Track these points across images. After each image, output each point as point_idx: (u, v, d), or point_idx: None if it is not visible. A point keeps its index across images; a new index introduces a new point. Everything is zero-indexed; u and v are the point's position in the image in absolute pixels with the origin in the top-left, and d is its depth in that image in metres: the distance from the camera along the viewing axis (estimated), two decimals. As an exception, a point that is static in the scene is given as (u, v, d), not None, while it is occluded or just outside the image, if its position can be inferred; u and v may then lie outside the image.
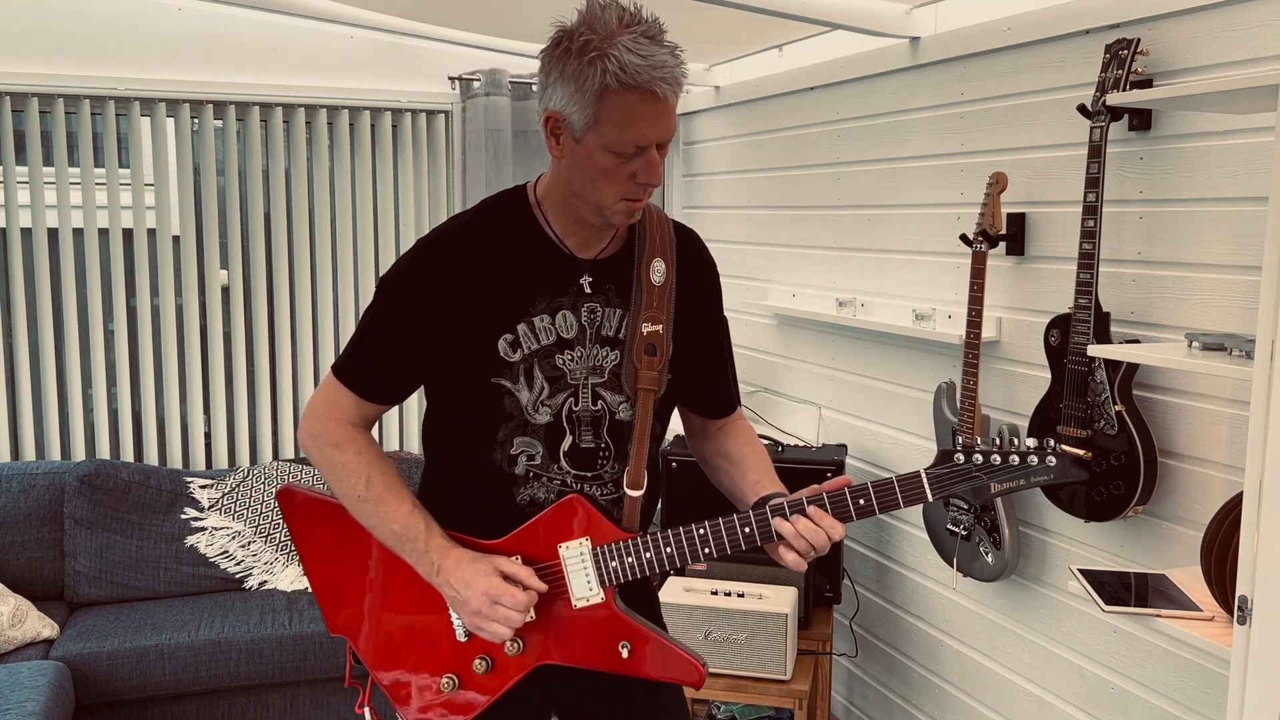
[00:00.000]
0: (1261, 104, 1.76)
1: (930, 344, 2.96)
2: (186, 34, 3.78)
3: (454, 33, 3.82)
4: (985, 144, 2.72)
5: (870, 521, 3.26)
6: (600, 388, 1.63)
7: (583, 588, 1.59)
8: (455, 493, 1.67)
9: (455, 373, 1.61)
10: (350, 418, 1.65)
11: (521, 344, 1.59)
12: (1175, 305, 2.20)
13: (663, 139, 1.51)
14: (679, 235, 1.72)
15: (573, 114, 1.48)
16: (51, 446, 3.80)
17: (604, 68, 1.43)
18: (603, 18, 1.45)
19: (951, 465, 1.54)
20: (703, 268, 1.75)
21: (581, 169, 1.52)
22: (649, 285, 1.63)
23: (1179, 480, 2.21)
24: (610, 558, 1.58)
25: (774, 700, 2.81)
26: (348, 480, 1.62)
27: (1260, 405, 1.52)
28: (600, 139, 1.48)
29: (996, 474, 1.54)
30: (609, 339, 1.63)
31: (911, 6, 2.87)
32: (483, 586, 1.53)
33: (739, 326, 3.97)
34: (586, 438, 1.63)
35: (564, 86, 1.47)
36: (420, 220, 4.13)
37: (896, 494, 1.54)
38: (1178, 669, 2.25)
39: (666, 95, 1.46)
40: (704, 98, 4.15)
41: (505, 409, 1.60)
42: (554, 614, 1.60)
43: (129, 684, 3.13)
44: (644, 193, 1.54)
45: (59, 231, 3.75)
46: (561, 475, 1.63)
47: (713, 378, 1.80)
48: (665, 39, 1.47)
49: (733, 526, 1.60)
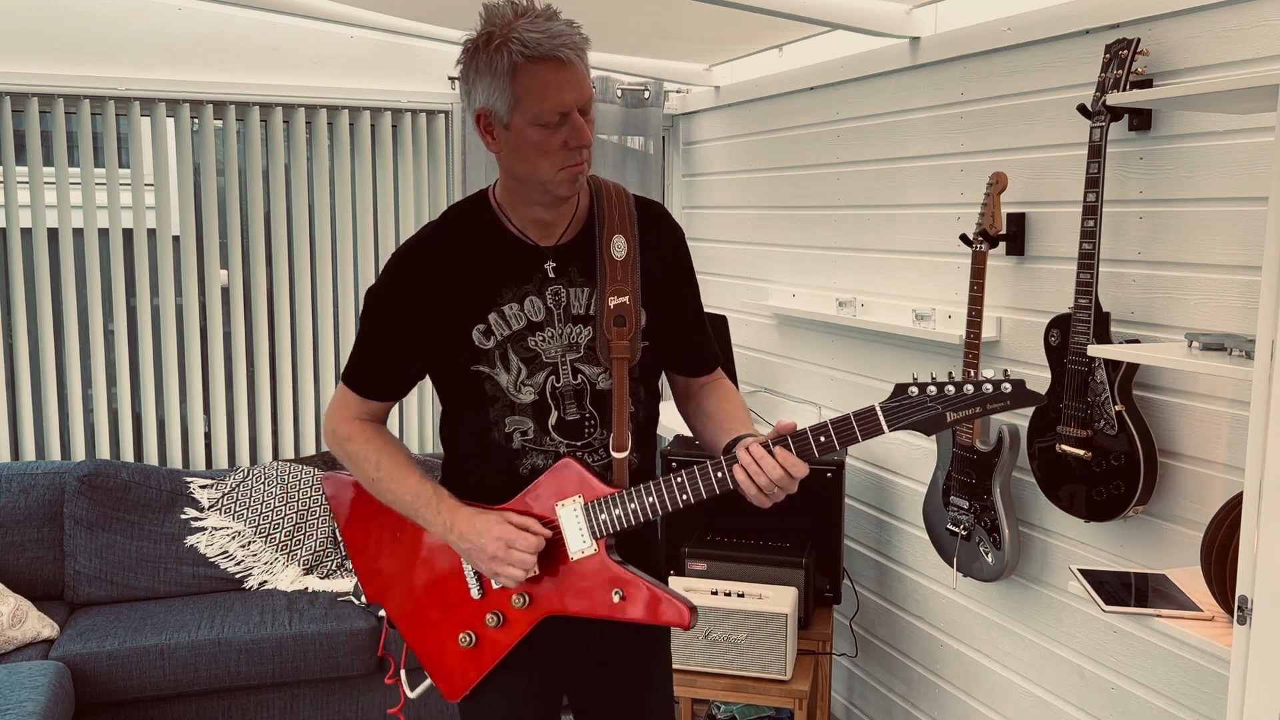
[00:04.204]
0: (1261, 104, 1.76)
1: (930, 344, 2.96)
2: (186, 34, 3.78)
3: (454, 33, 3.82)
4: (985, 144, 2.72)
5: (870, 521, 3.26)
6: (578, 362, 1.76)
7: (578, 540, 1.72)
8: (468, 471, 1.81)
9: (441, 365, 1.77)
10: (357, 414, 1.84)
11: (494, 331, 1.73)
12: (1175, 305, 2.20)
13: (580, 102, 1.62)
14: (640, 209, 1.83)
15: (496, 103, 1.61)
16: (51, 446, 3.80)
17: (509, 50, 1.57)
18: (500, 13, 1.61)
19: (905, 397, 1.58)
20: (667, 237, 1.85)
21: (518, 151, 1.64)
22: (611, 261, 1.75)
23: (1179, 480, 2.21)
24: (600, 511, 1.71)
25: (774, 700, 2.81)
26: (362, 466, 1.80)
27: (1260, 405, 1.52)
28: (524, 116, 1.60)
29: (951, 403, 1.57)
30: (579, 316, 1.75)
31: (911, 6, 2.87)
32: (497, 533, 1.68)
33: (739, 326, 3.97)
34: (571, 410, 1.76)
35: (481, 81, 1.62)
36: (420, 220, 4.13)
37: (854, 429, 1.59)
38: (1178, 669, 2.25)
39: (570, 59, 1.59)
40: (704, 98, 4.15)
41: (488, 392, 1.74)
42: (555, 567, 1.74)
43: (129, 684, 3.13)
44: (579, 157, 1.64)
45: (59, 231, 3.75)
46: (554, 446, 1.76)
47: (688, 338, 1.91)
48: (560, 17, 1.62)
49: (706, 472, 1.68)
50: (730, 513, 3.16)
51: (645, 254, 1.80)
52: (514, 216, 1.75)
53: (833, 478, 3.06)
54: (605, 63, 4.02)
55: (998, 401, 1.56)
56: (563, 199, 1.71)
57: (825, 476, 3.06)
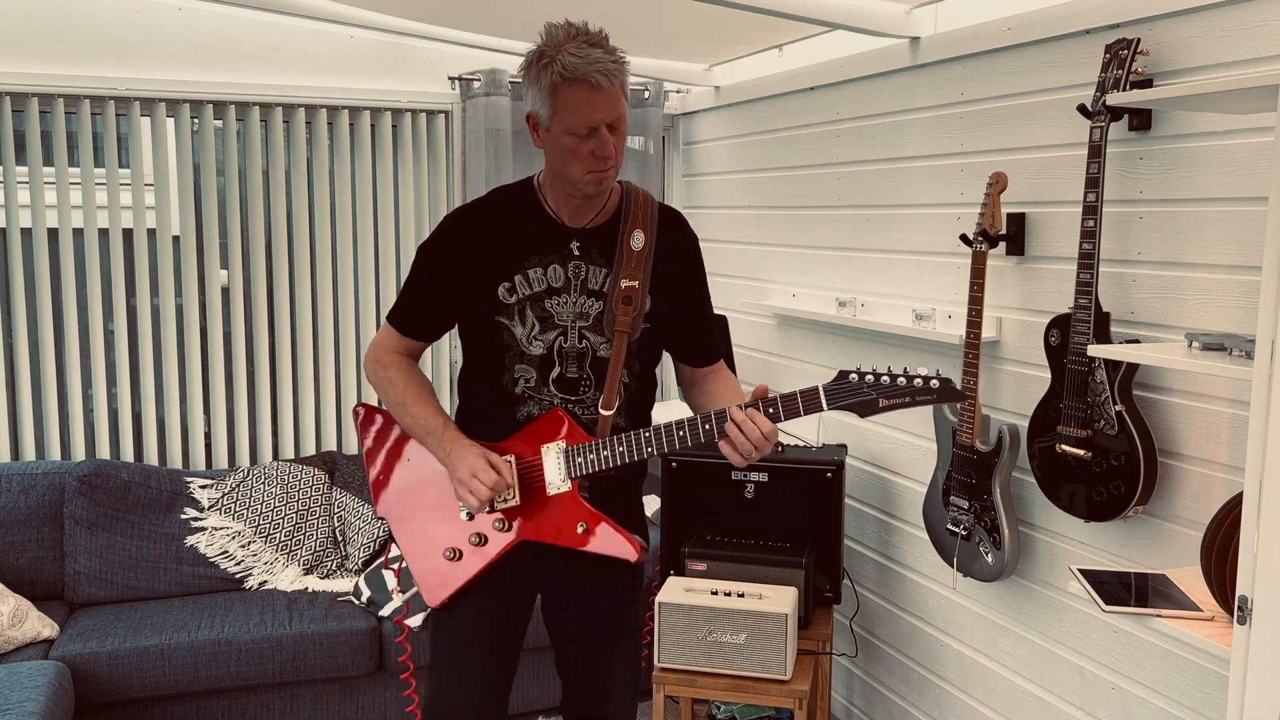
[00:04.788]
0: (1261, 104, 1.76)
1: (930, 344, 2.96)
2: (186, 34, 3.78)
3: (454, 33, 3.82)
4: (985, 144, 2.72)
5: (870, 522, 3.27)
6: (585, 330, 2.05)
7: (555, 478, 2.01)
8: (476, 410, 2.12)
9: (470, 312, 2.08)
10: (397, 348, 2.15)
11: (517, 290, 2.03)
12: (1175, 305, 2.20)
13: (609, 120, 1.90)
14: (662, 213, 2.12)
15: (540, 110, 1.92)
16: (51, 446, 3.80)
17: (553, 69, 1.86)
18: (555, 33, 1.90)
19: (845, 382, 1.86)
20: (683, 240, 2.14)
21: (554, 153, 1.95)
22: (629, 250, 2.04)
23: (1179, 480, 2.21)
24: (577, 455, 2.00)
25: (774, 700, 2.81)
26: (392, 390, 2.11)
27: (1260, 405, 1.52)
28: (560, 125, 1.90)
29: (885, 390, 1.83)
30: (594, 291, 2.04)
31: (911, 6, 2.87)
32: (469, 463, 1.99)
33: (739, 326, 3.97)
34: (571, 369, 2.05)
35: (532, 90, 1.92)
36: (420, 220, 4.13)
37: (798, 403, 1.87)
38: (1178, 669, 2.25)
39: (601, 84, 1.86)
40: (704, 98, 4.15)
41: (504, 341, 2.04)
42: (534, 500, 2.04)
43: (129, 684, 3.13)
44: (604, 165, 1.93)
45: (59, 231, 3.75)
46: (550, 397, 2.05)
47: (693, 331, 2.19)
48: (606, 44, 1.89)
49: (670, 429, 1.94)
50: (730, 513, 3.16)
51: (660, 251, 2.07)
52: (551, 200, 2.05)
53: (833, 478, 3.06)
54: (605, 63, 4.01)
55: (925, 395, 1.81)
56: (589, 196, 2.00)
57: (825, 476, 3.06)
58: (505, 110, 4.04)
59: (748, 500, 3.15)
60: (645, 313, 2.05)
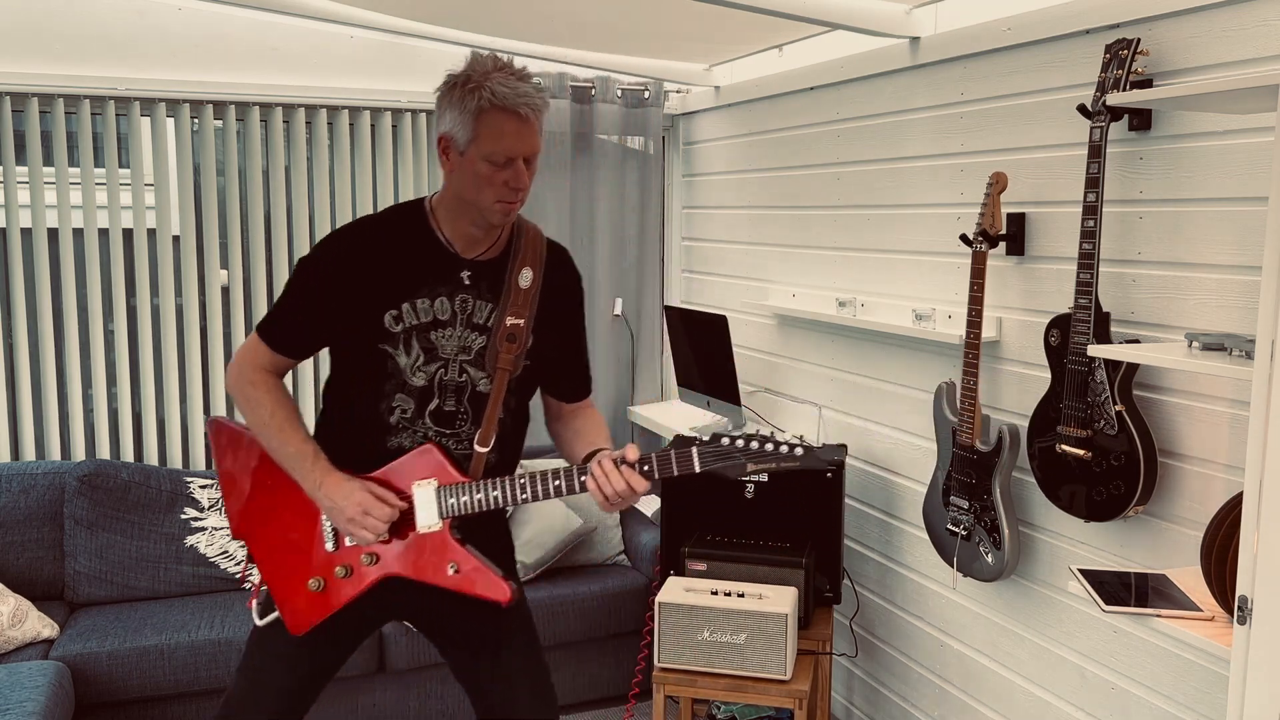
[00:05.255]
0: (1261, 104, 1.76)
1: (930, 344, 2.96)
2: (186, 34, 3.78)
3: (454, 33, 3.82)
4: (985, 144, 2.72)
5: (871, 521, 3.27)
6: (467, 364, 2.03)
7: (426, 517, 1.99)
8: (342, 435, 2.06)
9: (351, 337, 2.02)
10: (265, 365, 2.06)
11: (403, 319, 1.99)
12: (1175, 305, 2.20)
13: (527, 153, 1.92)
14: (551, 251, 2.12)
15: (459, 134, 1.91)
16: (51, 446, 3.80)
17: (481, 94, 1.87)
18: (482, 63, 1.91)
19: (718, 446, 1.90)
20: (569, 279, 2.15)
21: (466, 178, 1.93)
22: (516, 287, 2.04)
23: (1179, 480, 2.21)
24: (450, 495, 1.98)
25: (774, 700, 2.81)
26: (259, 410, 2.03)
27: (1260, 405, 1.52)
28: (479, 150, 1.89)
29: (753, 456, 1.89)
30: (478, 326, 2.03)
31: (911, 6, 2.87)
32: (358, 499, 1.95)
33: (739, 326, 3.97)
34: (450, 402, 2.03)
35: (451, 112, 1.91)
36: (420, 220, 4.13)
37: (673, 462, 1.91)
38: (1178, 669, 2.25)
39: (528, 116, 1.89)
40: (704, 98, 4.15)
41: (387, 369, 2.00)
42: (403, 535, 2.01)
43: (129, 684, 3.13)
44: (515, 196, 1.93)
45: (59, 231, 3.75)
46: (425, 430, 2.03)
47: (568, 369, 2.19)
48: (531, 79, 1.92)
49: (545, 477, 1.95)
50: (730, 513, 3.16)
51: (546, 289, 2.09)
52: (445, 226, 2.02)
53: (833, 478, 3.06)
54: (605, 63, 4.02)
55: (790, 460, 1.89)
56: (493, 226, 2.00)
57: (825, 477, 3.06)
58: (505, 110, 4.04)
59: (748, 500, 3.15)
60: (528, 350, 2.06)
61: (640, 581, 3.69)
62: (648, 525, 3.91)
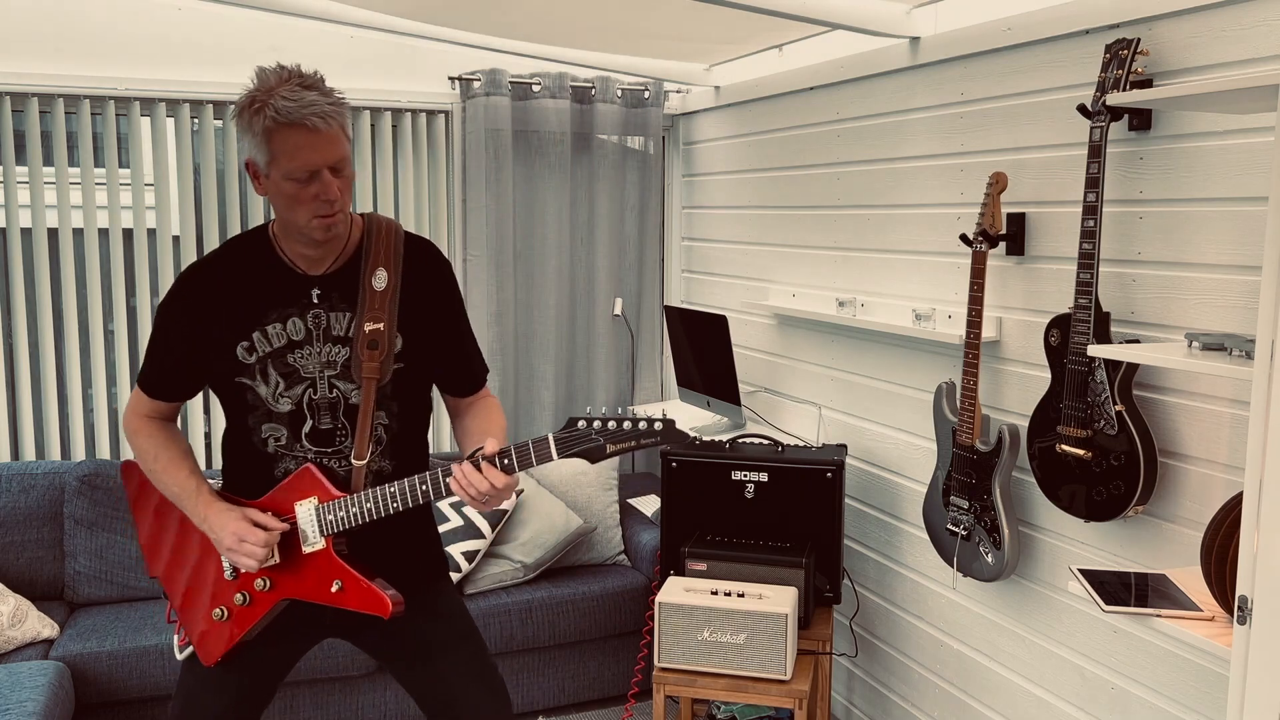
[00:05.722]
0: (1261, 104, 1.76)
1: (930, 344, 2.96)
2: (186, 34, 3.78)
3: (454, 33, 3.82)
4: (985, 144, 2.72)
5: (871, 521, 3.27)
6: (334, 379, 1.99)
7: (309, 536, 2.00)
8: (236, 469, 2.08)
9: (209, 375, 2.02)
10: (146, 412, 2.09)
11: (256, 348, 1.97)
12: (1175, 305, 2.20)
13: (329, 162, 1.84)
14: (408, 247, 2.05)
15: (258, 157, 1.85)
16: (51, 446, 3.80)
17: (265, 114, 1.81)
18: (266, 79, 1.84)
19: (574, 430, 1.87)
20: (432, 271, 2.07)
21: (278, 199, 1.88)
22: (371, 291, 1.98)
23: (1179, 480, 2.21)
24: (328, 513, 1.98)
25: (774, 700, 2.81)
26: (144, 458, 2.06)
27: (1260, 405, 1.52)
28: (279, 171, 1.83)
29: (611, 436, 1.86)
30: (338, 338, 1.98)
31: (911, 6, 2.87)
32: (232, 529, 1.95)
33: (739, 326, 3.97)
34: (325, 421, 2.00)
35: (245, 137, 1.86)
36: (420, 220, 4.13)
37: (531, 453, 1.87)
38: (1178, 669, 2.25)
39: (319, 126, 1.81)
40: (704, 98, 4.15)
41: (249, 401, 1.99)
42: (293, 558, 2.02)
43: (129, 684, 3.13)
44: (330, 208, 1.87)
45: (59, 231, 3.74)
46: (304, 452, 2.01)
47: (451, 362, 2.13)
48: (321, 85, 1.85)
49: (414, 484, 1.94)
50: (730, 513, 3.16)
51: (406, 286, 2.02)
52: (286, 247, 1.99)
53: (832, 478, 3.06)
54: (605, 63, 4.02)
55: (650, 438, 1.85)
56: (318, 243, 1.94)
57: (825, 477, 3.06)
58: (505, 110, 4.04)
59: (748, 500, 3.15)
60: (396, 353, 2.01)
61: (640, 581, 3.69)
62: (648, 525, 3.91)
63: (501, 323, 4.16)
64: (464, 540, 3.56)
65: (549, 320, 4.26)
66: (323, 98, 1.83)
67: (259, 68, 1.87)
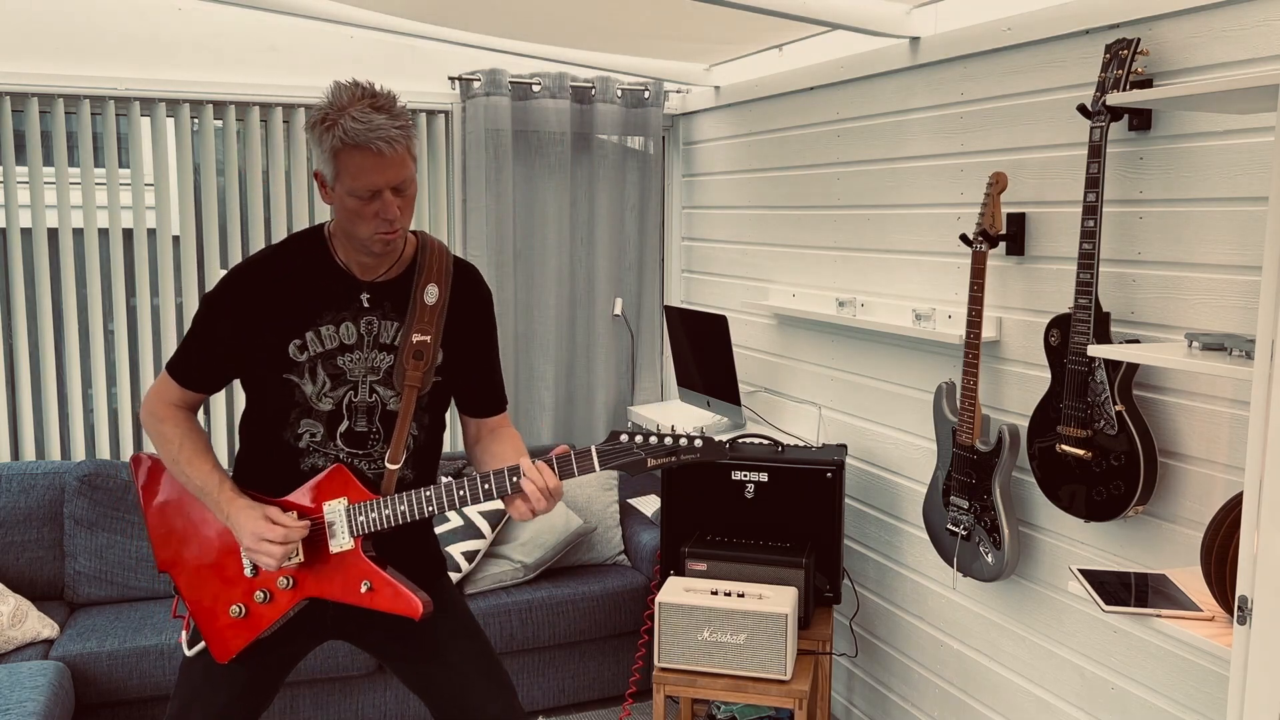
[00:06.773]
0: (1261, 104, 1.76)
1: (930, 344, 2.96)
2: (186, 34, 3.78)
3: (454, 33, 3.82)
4: (985, 144, 2.72)
5: (871, 521, 3.27)
6: (376, 384, 2.04)
7: (338, 536, 2.00)
8: (258, 461, 2.09)
9: (256, 369, 2.04)
10: (174, 401, 2.10)
11: (308, 348, 2.01)
12: (1175, 305, 2.20)
13: (391, 184, 1.89)
14: (457, 268, 2.13)
15: (325, 170, 1.91)
16: (51, 446, 3.80)
17: (335, 133, 1.85)
18: (339, 95, 1.88)
19: (617, 443, 1.92)
20: (475, 296, 2.14)
21: (341, 212, 1.93)
22: (421, 304, 2.04)
23: (1179, 480, 2.21)
24: (359, 514, 2.00)
25: (774, 700, 2.81)
26: (167, 446, 2.06)
27: (1260, 405, 1.52)
28: (344, 188, 1.89)
29: (652, 451, 1.91)
30: (385, 345, 2.04)
31: (911, 6, 2.87)
32: (252, 527, 1.95)
33: (739, 326, 3.97)
34: (361, 424, 2.05)
35: (316, 151, 1.91)
36: (420, 220, 4.13)
37: (573, 464, 1.93)
38: (1178, 669, 2.25)
39: (383, 151, 1.86)
40: (704, 98, 4.15)
41: (294, 398, 2.02)
42: (319, 557, 2.02)
43: (129, 684, 3.13)
44: (390, 226, 1.92)
45: (59, 231, 3.75)
46: (336, 451, 2.04)
47: (480, 384, 2.19)
48: (392, 107, 1.89)
49: (451, 488, 1.97)
50: (730, 513, 3.16)
51: (454, 305, 2.10)
52: (341, 251, 2.03)
53: (832, 478, 3.06)
54: (605, 63, 4.02)
55: (690, 454, 1.90)
56: (376, 255, 1.98)
57: (825, 477, 3.06)
58: (505, 110, 4.04)
59: (748, 500, 3.15)
60: (436, 366, 2.06)
61: (640, 581, 3.69)
62: (648, 525, 3.91)
63: (501, 323, 4.16)
64: (464, 540, 3.56)
65: (549, 320, 4.26)
66: (390, 121, 1.86)
67: (335, 82, 1.92)
